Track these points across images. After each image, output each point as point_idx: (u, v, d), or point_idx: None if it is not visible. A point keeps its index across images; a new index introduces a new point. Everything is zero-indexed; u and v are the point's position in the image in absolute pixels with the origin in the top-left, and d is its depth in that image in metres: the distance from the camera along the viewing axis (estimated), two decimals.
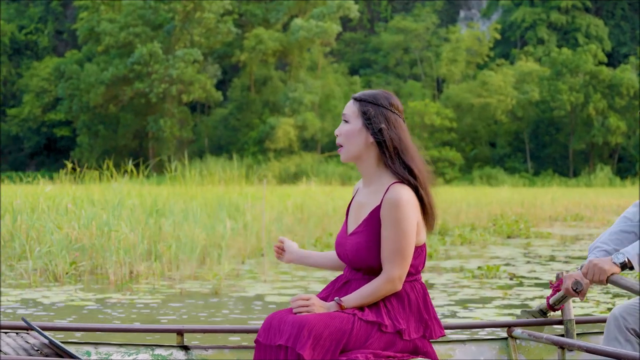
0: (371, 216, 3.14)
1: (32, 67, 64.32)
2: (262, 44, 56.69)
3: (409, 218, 3.08)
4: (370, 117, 3.16)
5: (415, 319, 3.14)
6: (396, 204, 3.07)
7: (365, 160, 3.18)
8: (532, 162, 58.56)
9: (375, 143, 3.17)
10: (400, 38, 62.69)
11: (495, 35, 61.88)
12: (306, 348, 2.92)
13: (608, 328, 3.44)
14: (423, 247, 3.20)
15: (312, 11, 57.87)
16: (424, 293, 3.19)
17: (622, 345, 3.36)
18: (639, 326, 3.39)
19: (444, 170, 55.70)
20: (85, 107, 57.94)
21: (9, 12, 66.98)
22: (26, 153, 64.73)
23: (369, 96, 3.21)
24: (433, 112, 56.99)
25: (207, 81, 56.52)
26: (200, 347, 3.71)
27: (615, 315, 3.43)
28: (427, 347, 3.17)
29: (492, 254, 12.88)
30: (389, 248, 3.08)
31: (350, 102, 3.23)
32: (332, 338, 2.98)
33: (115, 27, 57.24)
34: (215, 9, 56.50)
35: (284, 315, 3.07)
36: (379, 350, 3.04)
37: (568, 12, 62.45)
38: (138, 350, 3.64)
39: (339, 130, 3.21)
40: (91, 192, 14.29)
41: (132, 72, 55.79)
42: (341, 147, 3.20)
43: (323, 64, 60.38)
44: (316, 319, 2.99)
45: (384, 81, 62.80)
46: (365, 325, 3.05)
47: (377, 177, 3.19)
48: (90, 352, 3.60)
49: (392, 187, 3.11)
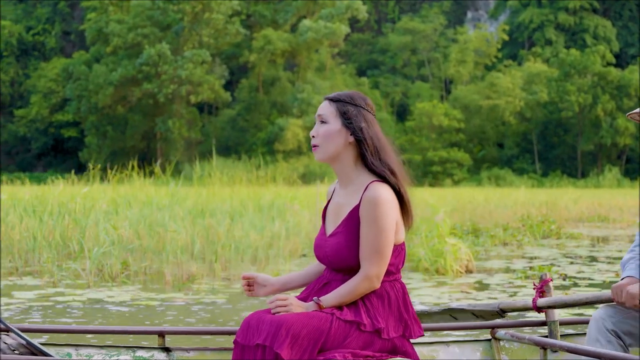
0: (350, 216, 3.13)
1: (39, 68, 64.36)
2: (270, 45, 56.75)
3: (388, 216, 3.07)
4: (351, 116, 3.16)
5: (394, 318, 3.14)
6: (375, 202, 3.06)
7: (343, 160, 3.18)
8: (540, 163, 58.59)
9: (355, 143, 3.16)
10: (408, 39, 62.75)
11: (503, 37, 61.94)
12: (284, 347, 2.92)
13: (590, 329, 3.47)
14: (402, 246, 3.20)
15: (320, 12, 57.93)
16: (403, 292, 3.18)
17: (603, 346, 3.40)
18: (619, 327, 3.43)
19: (452, 171, 55.77)
20: (93, 108, 57.97)
21: (16, 13, 67.04)
22: (33, 154, 64.77)
23: (346, 97, 3.20)
24: (441, 113, 57.05)
25: (215, 82, 56.56)
26: (181, 349, 3.70)
27: (596, 317, 3.47)
28: (407, 346, 3.16)
29: (531, 254, 12.90)
30: (367, 246, 3.06)
31: (326, 103, 3.21)
32: (310, 337, 2.97)
33: (124, 28, 57.28)
34: (224, 10, 56.54)
35: (262, 315, 3.06)
36: (357, 350, 3.04)
37: (576, 13, 62.50)
38: (119, 352, 3.63)
39: (315, 131, 3.19)
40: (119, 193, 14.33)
41: (140, 73, 55.82)
42: (316, 147, 3.18)
43: (331, 65, 60.43)
44: (294, 318, 2.98)
45: (391, 82, 62.87)
46: (344, 324, 3.04)
47: (354, 177, 3.18)
48: (71, 354, 3.58)
49: (371, 186, 3.10)
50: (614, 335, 3.43)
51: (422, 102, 58.54)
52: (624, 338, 3.44)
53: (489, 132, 59.53)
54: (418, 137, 57.40)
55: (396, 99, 62.49)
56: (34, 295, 8.25)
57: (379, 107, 60.81)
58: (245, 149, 55.68)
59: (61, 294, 8.33)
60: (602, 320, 3.45)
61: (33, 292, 8.39)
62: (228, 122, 59.35)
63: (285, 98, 57.62)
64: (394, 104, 62.62)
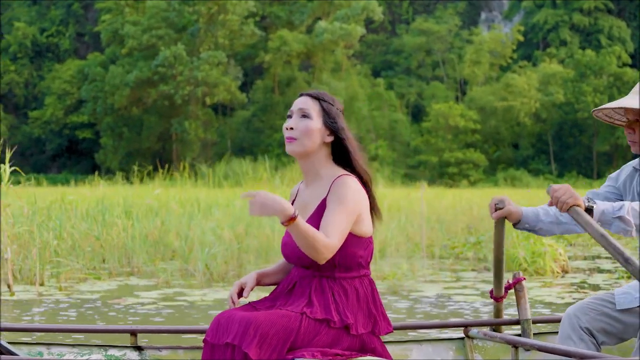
0: (319, 208, 3.17)
1: (53, 70, 64.41)
2: (286, 46, 56.79)
3: (352, 200, 3.10)
4: (334, 116, 3.22)
5: (363, 314, 3.15)
6: (343, 189, 3.11)
7: (315, 157, 3.22)
8: (555, 164, 58.65)
9: (330, 142, 3.23)
10: (423, 40, 62.80)
11: (518, 37, 62.01)
12: (252, 347, 2.93)
13: (562, 327, 3.47)
14: (370, 240, 3.22)
15: (336, 13, 57.98)
16: (372, 289, 3.20)
17: (576, 344, 3.40)
18: (593, 325, 3.42)
19: (468, 172, 55.80)
20: (109, 109, 58.04)
21: (30, 15, 67.12)
22: (48, 155, 64.81)
23: (326, 96, 3.27)
24: (457, 114, 57.10)
25: (231, 83, 56.59)
26: (153, 348, 3.69)
27: (569, 314, 3.47)
28: (375, 343, 3.18)
29: (606, 255, 12.96)
30: (326, 219, 3.08)
31: (307, 99, 3.25)
32: (279, 336, 2.98)
33: (139, 29, 57.33)
34: (239, 11, 56.57)
35: (233, 314, 3.06)
36: (326, 348, 3.05)
37: (590, 13, 62.57)
38: (91, 351, 3.61)
39: (295, 124, 3.20)
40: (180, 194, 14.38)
41: (156, 75, 55.86)
42: (293, 139, 3.21)
43: (346, 66, 60.49)
44: (263, 317, 2.99)
45: (406, 83, 62.94)
46: (314, 323, 3.06)
47: (323, 173, 3.23)
48: (42, 353, 3.57)
49: (340, 178, 3.15)
50: (586, 333, 3.43)
51: (438, 103, 58.57)
52: (597, 336, 3.43)
53: (503, 133, 59.58)
54: (434, 138, 57.45)
55: (411, 100, 62.54)
56: (158, 295, 8.30)
57: (394, 108, 60.92)
58: (261, 150, 55.71)
59: (180, 294, 8.37)
60: (575, 317, 3.45)
61: (155, 293, 8.44)
62: (243, 123, 59.40)
63: None
64: (408, 104, 62.67)
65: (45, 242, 8.85)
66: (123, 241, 9.93)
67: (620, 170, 3.58)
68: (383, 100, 60.69)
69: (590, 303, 3.48)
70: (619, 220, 3.19)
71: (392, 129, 59.00)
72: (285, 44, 56.79)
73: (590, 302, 3.49)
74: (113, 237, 9.97)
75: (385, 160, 55.34)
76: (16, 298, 8.03)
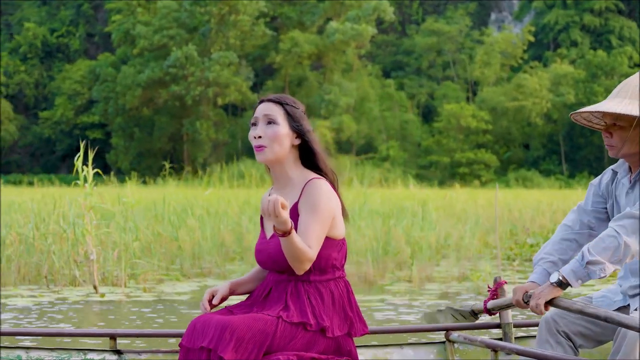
0: (292, 212, 3.18)
1: (63, 70, 64.45)
2: (297, 47, 56.81)
3: (326, 206, 3.14)
4: (298, 120, 3.25)
5: (339, 316, 3.17)
6: (315, 193, 3.14)
7: (285, 162, 3.25)
8: (567, 164, 58.70)
9: (297, 145, 3.25)
10: (433, 40, 62.82)
11: (529, 38, 62.05)
12: (228, 350, 2.94)
13: (540, 331, 3.50)
14: (344, 242, 3.25)
15: (347, 14, 57.99)
16: (347, 291, 3.22)
17: (554, 347, 3.42)
18: (570, 329, 3.45)
19: (479, 172, 55.82)
20: (120, 110, 58.07)
21: (40, 15, 67.16)
22: (58, 155, 64.80)
23: (290, 100, 3.29)
24: (469, 114, 57.14)
25: (243, 83, 56.62)
26: (133, 352, 3.69)
27: (547, 318, 3.49)
28: (351, 346, 3.20)
29: None
30: (302, 229, 3.11)
31: (270, 104, 3.27)
32: (255, 340, 3.00)
33: (150, 29, 57.39)
34: (251, 12, 56.60)
35: (209, 318, 3.07)
36: (302, 352, 3.07)
37: (601, 14, 62.59)
38: (70, 355, 3.60)
39: (263, 131, 3.23)
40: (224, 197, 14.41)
41: (167, 75, 55.90)
42: (263, 147, 3.23)
43: (357, 66, 60.52)
44: (239, 321, 3.01)
45: (416, 83, 62.97)
46: (290, 326, 3.08)
47: (294, 178, 3.24)
48: (21, 356, 3.56)
49: (311, 182, 3.18)
50: (564, 336, 3.45)
51: (449, 103, 58.59)
52: (574, 339, 3.46)
53: (514, 134, 59.61)
54: (445, 138, 57.49)
55: (421, 100, 62.58)
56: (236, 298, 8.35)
57: (405, 109, 60.96)
58: None
59: None
60: (552, 321, 3.47)
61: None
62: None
63: (312, 99, 57.65)
64: (419, 105, 62.70)
65: (127, 243, 8.93)
66: (196, 242, 9.96)
67: (601, 175, 3.60)
68: (394, 100, 60.72)
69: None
70: (589, 265, 3.20)
71: (403, 130, 59.04)
72: (297, 45, 56.81)
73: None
74: (185, 238, 10.01)
75: (396, 160, 55.40)
76: (106, 299, 8.08)
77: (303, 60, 58.11)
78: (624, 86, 3.43)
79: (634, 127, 3.35)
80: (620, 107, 3.34)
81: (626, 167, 3.49)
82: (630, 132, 3.36)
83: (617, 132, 3.39)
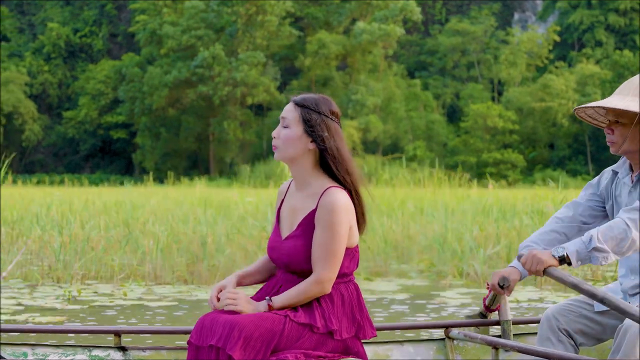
0: (307, 220, 3.18)
1: (87, 70, 64.49)
2: (324, 49, 56.85)
3: (343, 222, 3.11)
4: (313, 125, 3.19)
5: (348, 319, 3.18)
6: (332, 208, 3.11)
7: (301, 164, 3.21)
8: (592, 164, 58.80)
9: (315, 149, 3.20)
10: (458, 40, 62.91)
11: (554, 38, 62.15)
12: (236, 349, 2.96)
13: (541, 328, 3.52)
14: (356, 249, 3.23)
15: (374, 14, 58.07)
16: (357, 293, 3.22)
17: (555, 345, 3.45)
18: (571, 327, 3.49)
19: (506, 172, 55.89)
20: (147, 110, 58.09)
21: (63, 15, 67.19)
22: (81, 155, 64.82)
23: (311, 103, 3.22)
24: (496, 114, 57.23)
25: (270, 84, 56.66)
26: (137, 348, 3.69)
27: (548, 315, 3.52)
28: (359, 347, 3.21)
29: None
30: (320, 250, 3.11)
31: (291, 106, 3.24)
32: (262, 339, 3.02)
33: (177, 30, 57.40)
34: (278, 12, 56.64)
35: (217, 316, 3.09)
36: (309, 350, 3.09)
37: (626, 14, 62.71)
38: (75, 351, 3.61)
39: (277, 133, 3.23)
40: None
41: (194, 75, 55.94)
42: (276, 148, 3.23)
43: (384, 66, 60.60)
44: (247, 319, 3.02)
45: (441, 84, 63.07)
46: (297, 326, 3.09)
47: (312, 181, 3.22)
48: (27, 353, 3.57)
49: (328, 191, 3.14)
50: (565, 334, 3.48)
51: (475, 103, 58.68)
52: (575, 337, 3.49)
53: (540, 134, 59.70)
54: (472, 138, 57.58)
55: (447, 100, 62.68)
56: None
57: (431, 109, 61.03)
58: None
59: None
60: (554, 319, 3.50)
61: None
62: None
63: (339, 99, 57.70)
64: (445, 105, 62.80)
65: (217, 241, 9.11)
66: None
67: (600, 176, 3.61)
68: (420, 100, 60.81)
69: (568, 305, 3.54)
70: (594, 251, 3.22)
71: (429, 130, 59.10)
72: (324, 46, 56.84)
73: (568, 304, 3.55)
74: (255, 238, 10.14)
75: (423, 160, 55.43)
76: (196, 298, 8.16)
77: (330, 61, 58.17)
78: (627, 84, 3.46)
79: (634, 124, 3.37)
80: (622, 104, 3.36)
81: (627, 167, 3.51)
82: (631, 129, 3.39)
83: (619, 128, 3.40)
